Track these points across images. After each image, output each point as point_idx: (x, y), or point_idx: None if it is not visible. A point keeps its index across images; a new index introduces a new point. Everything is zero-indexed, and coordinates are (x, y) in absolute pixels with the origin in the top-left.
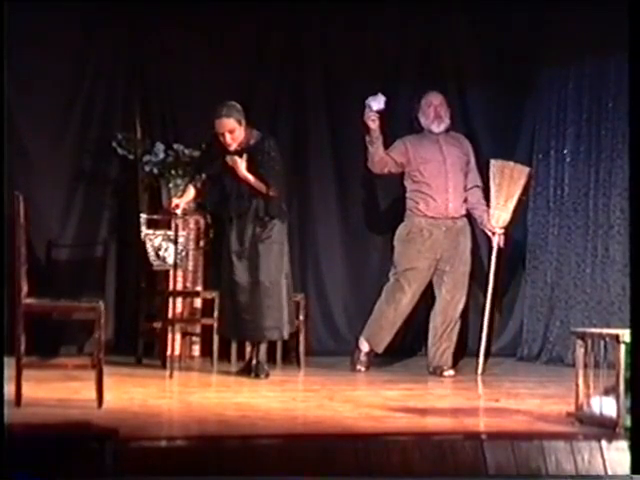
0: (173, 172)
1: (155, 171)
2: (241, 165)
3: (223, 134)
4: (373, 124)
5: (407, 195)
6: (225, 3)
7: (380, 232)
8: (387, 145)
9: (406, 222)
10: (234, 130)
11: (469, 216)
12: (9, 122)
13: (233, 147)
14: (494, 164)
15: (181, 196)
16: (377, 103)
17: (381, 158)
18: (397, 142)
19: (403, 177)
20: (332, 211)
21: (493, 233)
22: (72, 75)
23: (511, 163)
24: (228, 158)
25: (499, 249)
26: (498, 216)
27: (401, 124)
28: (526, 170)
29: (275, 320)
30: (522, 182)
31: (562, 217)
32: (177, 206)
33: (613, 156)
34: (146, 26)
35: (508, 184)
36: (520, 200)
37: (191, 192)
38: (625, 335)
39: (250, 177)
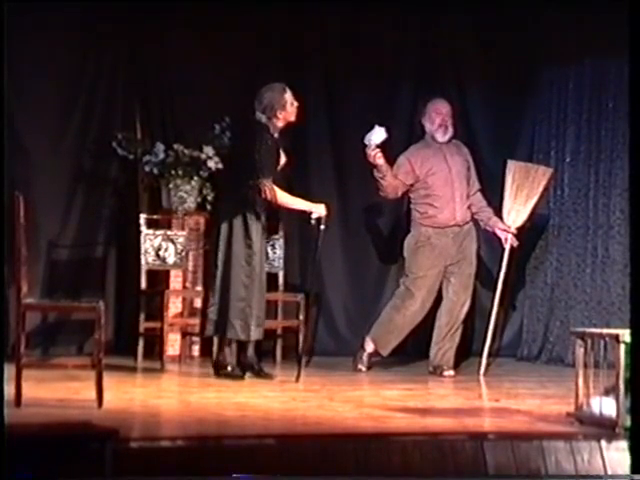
0: (173, 172)
1: (155, 171)
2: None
3: (293, 105)
4: (380, 160)
5: (412, 206)
6: (225, 3)
7: (380, 232)
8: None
9: (413, 232)
10: None
11: (473, 219)
12: (9, 122)
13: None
14: (513, 165)
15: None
16: (378, 136)
17: (394, 187)
18: (401, 160)
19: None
20: (332, 211)
21: (507, 233)
22: (72, 75)
23: (534, 165)
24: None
25: (511, 249)
26: (515, 216)
27: (401, 126)
28: (549, 171)
29: None
30: (544, 183)
31: (562, 217)
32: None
33: (613, 156)
34: (146, 26)
35: (531, 185)
36: (539, 201)
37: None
38: (625, 335)
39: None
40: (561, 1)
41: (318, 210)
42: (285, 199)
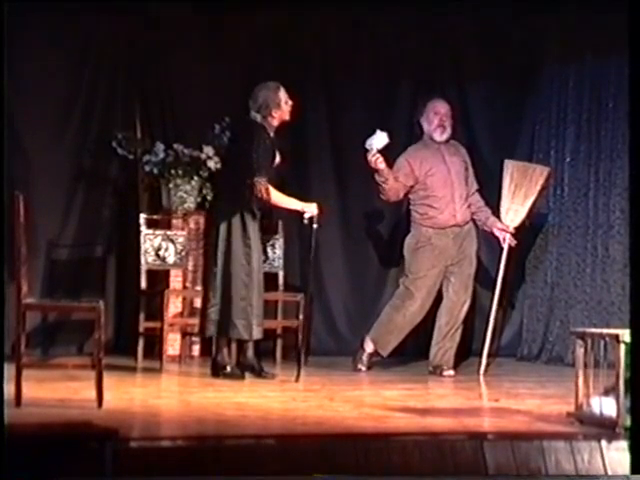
0: (173, 172)
1: (155, 171)
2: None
3: (287, 103)
4: (382, 165)
5: (412, 207)
6: (225, 3)
7: (380, 232)
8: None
9: (413, 232)
10: None
11: (472, 218)
12: (9, 122)
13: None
14: (511, 164)
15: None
16: (380, 141)
17: (395, 190)
18: (400, 162)
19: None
20: (332, 211)
21: (505, 233)
22: (72, 75)
23: (531, 164)
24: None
25: (509, 249)
26: (513, 216)
27: (401, 127)
28: (546, 171)
29: None
30: (542, 183)
31: (562, 217)
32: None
33: (613, 156)
34: (146, 26)
35: (528, 185)
36: (537, 200)
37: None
38: (625, 335)
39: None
40: (561, 1)
41: (310, 209)
42: (278, 198)
